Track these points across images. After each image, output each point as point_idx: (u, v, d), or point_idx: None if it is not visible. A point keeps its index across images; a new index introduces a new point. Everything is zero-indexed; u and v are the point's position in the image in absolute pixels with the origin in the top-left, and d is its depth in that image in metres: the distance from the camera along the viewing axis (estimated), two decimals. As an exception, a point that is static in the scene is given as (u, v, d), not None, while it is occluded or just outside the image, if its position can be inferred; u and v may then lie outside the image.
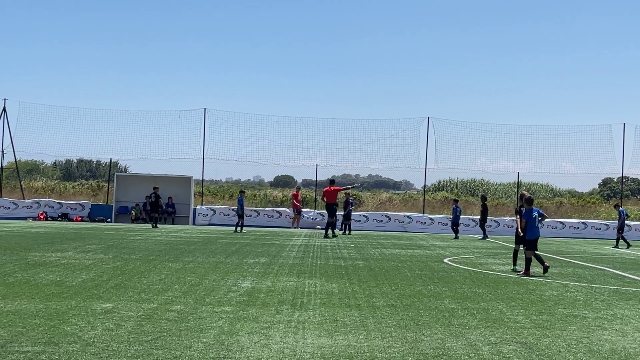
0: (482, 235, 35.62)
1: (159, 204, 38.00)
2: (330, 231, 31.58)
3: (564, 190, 65.89)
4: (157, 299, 10.37)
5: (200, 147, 45.83)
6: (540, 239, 17.09)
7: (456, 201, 38.37)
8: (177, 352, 6.90)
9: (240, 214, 34.21)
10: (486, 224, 36.12)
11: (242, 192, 37.96)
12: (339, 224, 36.79)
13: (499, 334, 8.50)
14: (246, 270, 15.02)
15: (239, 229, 33.97)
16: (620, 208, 33.68)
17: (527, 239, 16.49)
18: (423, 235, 36.88)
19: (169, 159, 48.70)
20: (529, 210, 16.53)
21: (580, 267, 19.12)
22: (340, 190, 33.65)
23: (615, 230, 33.51)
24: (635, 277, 16.57)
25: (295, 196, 41.74)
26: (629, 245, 31.27)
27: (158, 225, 36.29)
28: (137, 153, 48.97)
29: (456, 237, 34.51)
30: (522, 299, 11.87)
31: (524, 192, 17.61)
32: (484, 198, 37.33)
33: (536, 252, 16.47)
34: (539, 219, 16.60)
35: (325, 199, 31.92)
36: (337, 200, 32.51)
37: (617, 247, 30.92)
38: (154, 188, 37.59)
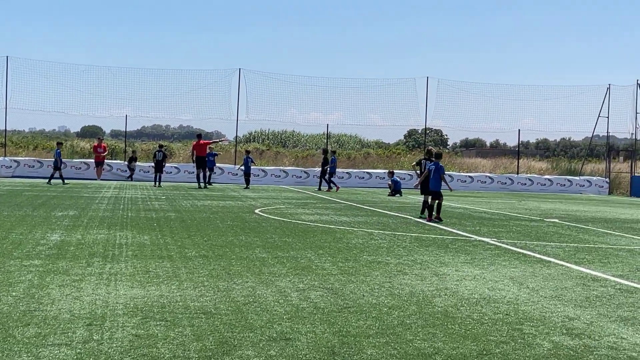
0: (318, 187, 35.94)
1: None
2: (202, 183, 33.66)
3: (371, 141, 68.19)
4: (-40, 254, 10.03)
5: (2, 96, 44.01)
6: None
7: (248, 152, 38.59)
8: (-15, 307, 6.75)
9: (58, 167, 33.51)
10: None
11: (59, 143, 36.61)
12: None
13: (307, 280, 8.85)
14: (54, 223, 14.70)
15: (52, 180, 33.34)
16: (333, 156, 36.48)
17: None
18: (234, 187, 37.17)
19: (-34, 109, 46.40)
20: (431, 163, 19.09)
21: (385, 215, 20.01)
22: (209, 143, 35.63)
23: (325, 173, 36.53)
24: (435, 225, 17.55)
25: (95, 148, 40.94)
26: (329, 189, 34.71)
27: None
28: None
29: (247, 187, 35.45)
30: (329, 247, 12.34)
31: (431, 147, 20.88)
32: (324, 151, 37.44)
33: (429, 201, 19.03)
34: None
35: (195, 152, 33.45)
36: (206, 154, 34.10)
37: (320, 189, 35.18)
38: None
